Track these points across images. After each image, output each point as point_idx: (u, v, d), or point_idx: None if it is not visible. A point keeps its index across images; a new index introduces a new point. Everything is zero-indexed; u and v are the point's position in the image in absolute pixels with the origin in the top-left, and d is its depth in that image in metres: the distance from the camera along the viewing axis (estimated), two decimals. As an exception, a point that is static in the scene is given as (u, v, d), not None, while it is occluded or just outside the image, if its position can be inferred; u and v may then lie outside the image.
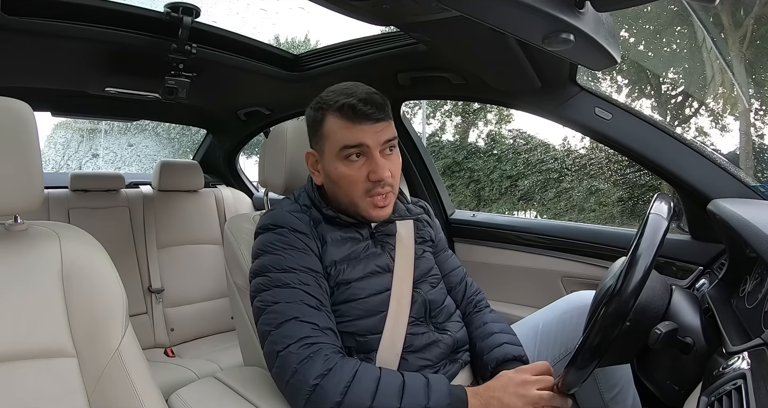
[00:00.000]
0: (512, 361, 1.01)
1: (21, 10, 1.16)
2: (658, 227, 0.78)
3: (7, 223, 0.81)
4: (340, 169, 0.97)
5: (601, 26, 0.81)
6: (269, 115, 2.15)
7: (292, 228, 0.97)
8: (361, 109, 0.94)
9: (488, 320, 1.11)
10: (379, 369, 0.87)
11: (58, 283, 0.79)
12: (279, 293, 0.90)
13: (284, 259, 0.93)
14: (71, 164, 6.67)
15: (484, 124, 8.77)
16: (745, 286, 0.90)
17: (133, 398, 0.78)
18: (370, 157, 0.96)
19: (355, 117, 0.94)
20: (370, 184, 0.96)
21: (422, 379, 0.85)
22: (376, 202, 0.98)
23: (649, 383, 0.89)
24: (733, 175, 1.16)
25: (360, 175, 0.96)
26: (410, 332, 0.98)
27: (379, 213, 0.99)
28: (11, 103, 0.76)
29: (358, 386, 0.81)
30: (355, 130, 0.95)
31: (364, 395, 0.80)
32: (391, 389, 0.82)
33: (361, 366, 0.85)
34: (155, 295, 2.01)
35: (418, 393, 0.82)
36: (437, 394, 0.83)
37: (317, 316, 0.88)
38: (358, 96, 0.95)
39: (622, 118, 1.26)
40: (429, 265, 1.11)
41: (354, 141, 0.95)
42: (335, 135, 0.96)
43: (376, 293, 0.99)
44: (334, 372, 0.81)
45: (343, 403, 0.80)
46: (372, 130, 0.95)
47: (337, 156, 0.97)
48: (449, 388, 0.85)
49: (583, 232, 1.55)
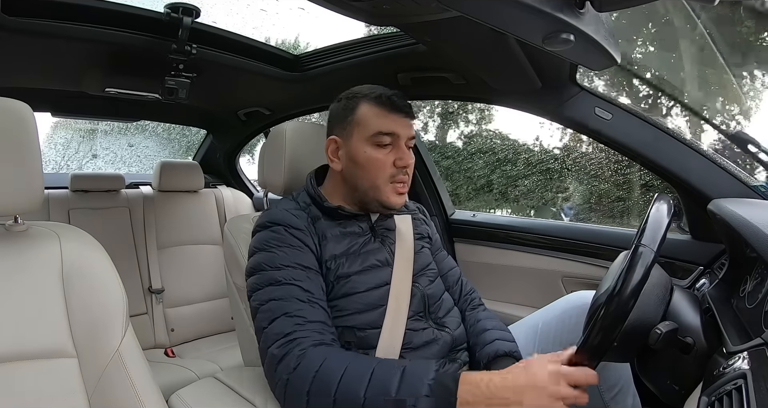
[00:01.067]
0: (504, 357, 1.02)
1: (21, 10, 1.16)
2: (658, 227, 0.78)
3: (8, 223, 0.81)
4: (369, 152, 1.02)
5: (601, 26, 0.81)
6: (269, 115, 2.14)
7: (289, 225, 0.99)
8: (397, 102, 1.03)
9: (481, 317, 1.14)
10: (353, 356, 0.85)
11: (58, 284, 0.79)
12: (272, 291, 0.91)
13: (278, 256, 0.95)
14: (71, 165, 6.67)
15: (465, 125, 8.81)
16: (745, 286, 0.90)
17: (134, 399, 0.78)
18: (397, 146, 1.03)
19: (392, 107, 1.02)
20: (395, 170, 1.03)
21: (397, 368, 0.80)
22: (397, 189, 1.04)
23: (650, 383, 0.89)
24: (734, 174, 1.16)
25: (388, 160, 1.02)
26: (409, 328, 1.00)
27: (398, 200, 1.04)
28: (11, 104, 0.76)
29: (325, 374, 0.79)
30: (390, 119, 1.02)
31: (331, 383, 0.79)
32: (357, 377, 0.79)
33: (333, 355, 0.83)
34: (155, 296, 2.01)
35: (386, 383, 0.77)
36: (409, 384, 0.77)
37: (306, 310, 0.89)
38: (389, 92, 1.04)
39: (622, 118, 1.26)
40: (427, 260, 1.13)
41: (389, 129, 1.02)
42: (369, 121, 1.03)
43: (375, 287, 1.00)
44: (303, 364, 0.81)
45: (310, 392, 0.79)
46: (403, 122, 1.04)
47: (368, 140, 1.02)
48: (433, 378, 0.77)
49: (584, 232, 1.55)
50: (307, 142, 1.20)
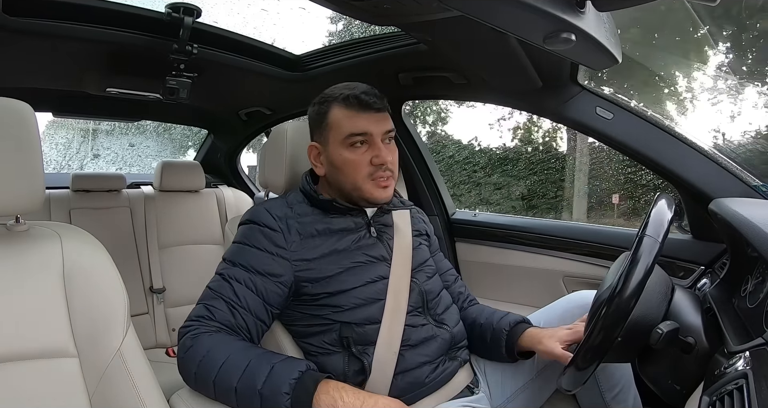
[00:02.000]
0: (522, 323, 1.10)
1: (22, 10, 1.16)
2: (659, 226, 0.78)
3: (9, 223, 0.81)
4: (345, 154, 1.03)
5: (602, 26, 0.81)
6: (270, 115, 2.15)
7: (264, 224, 1.02)
8: (364, 99, 1.02)
9: (482, 308, 1.20)
10: (241, 348, 0.89)
11: (59, 284, 0.79)
12: (214, 281, 0.98)
13: (238, 254, 1.00)
14: (72, 165, 6.68)
15: (422, 126, 8.89)
16: (746, 285, 0.89)
17: (135, 398, 0.78)
18: (372, 144, 1.03)
19: (360, 106, 1.02)
20: (373, 168, 1.02)
21: (269, 364, 0.84)
22: (379, 183, 1.03)
23: (651, 383, 0.89)
24: (735, 174, 1.16)
25: (364, 160, 1.02)
26: (408, 324, 1.00)
27: (382, 193, 1.04)
28: (12, 104, 0.76)
29: (209, 361, 0.86)
30: (359, 119, 1.02)
31: (212, 370, 0.85)
32: (234, 368, 0.84)
33: (221, 345, 0.88)
34: (157, 295, 2.02)
35: (255, 376, 0.83)
36: (274, 381, 0.82)
37: (222, 311, 0.93)
38: (360, 89, 1.03)
39: (623, 117, 1.26)
40: (425, 256, 1.14)
41: (359, 129, 1.02)
42: (340, 123, 1.03)
43: (372, 282, 1.01)
44: (193, 348, 0.88)
45: (197, 374, 0.87)
46: (374, 119, 1.03)
47: (342, 143, 1.03)
48: (296, 378, 0.82)
49: (585, 231, 1.54)
50: (308, 141, 1.20)
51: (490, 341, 1.10)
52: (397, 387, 0.98)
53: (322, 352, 1.00)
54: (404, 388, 0.98)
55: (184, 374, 0.89)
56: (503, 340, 1.07)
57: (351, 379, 0.97)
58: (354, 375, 0.97)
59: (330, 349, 1.00)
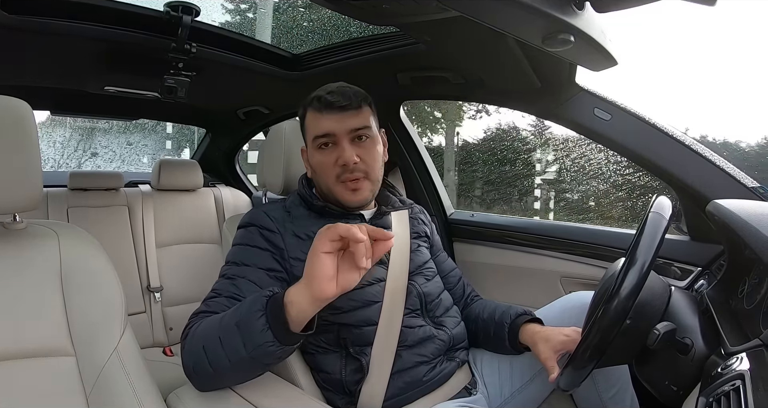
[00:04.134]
0: (524, 314, 1.10)
1: (21, 8, 1.16)
2: (657, 227, 0.78)
3: (6, 221, 0.81)
4: (316, 157, 1.04)
5: (601, 27, 0.81)
6: (268, 114, 2.14)
7: (262, 226, 1.02)
8: (326, 98, 1.00)
9: (485, 302, 1.21)
10: (215, 318, 0.84)
11: (56, 282, 0.79)
12: (219, 283, 0.97)
13: (239, 254, 1.00)
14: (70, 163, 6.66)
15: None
16: (743, 287, 0.90)
17: (132, 397, 0.78)
18: (337, 145, 1.01)
19: (322, 107, 1.01)
20: (339, 169, 1.01)
21: (236, 316, 0.79)
22: (348, 186, 1.02)
23: (648, 384, 0.89)
24: (733, 176, 1.16)
25: (329, 161, 1.02)
26: (406, 325, 1.01)
27: (352, 197, 1.03)
28: (10, 102, 0.76)
29: (201, 345, 0.81)
30: (322, 120, 1.01)
31: (203, 353, 0.80)
32: (213, 338, 0.79)
33: (204, 326, 0.84)
34: (154, 294, 2.01)
35: (233, 314, 0.79)
36: (248, 305, 0.77)
37: (223, 304, 0.91)
38: (328, 89, 1.02)
39: (621, 118, 1.26)
40: (424, 258, 1.14)
41: (321, 130, 1.01)
42: (309, 126, 1.04)
43: (369, 284, 1.01)
44: (187, 345, 0.85)
45: (194, 367, 0.82)
46: (337, 118, 1.00)
47: (313, 146, 1.04)
48: (266, 298, 0.76)
49: (583, 232, 1.55)
50: (306, 141, 1.20)
51: (494, 335, 1.11)
52: (395, 386, 0.98)
53: (320, 351, 1.01)
54: (401, 388, 0.99)
55: (187, 374, 0.84)
56: (506, 334, 1.08)
57: (348, 377, 0.98)
58: (351, 373, 0.98)
59: (327, 348, 1.00)
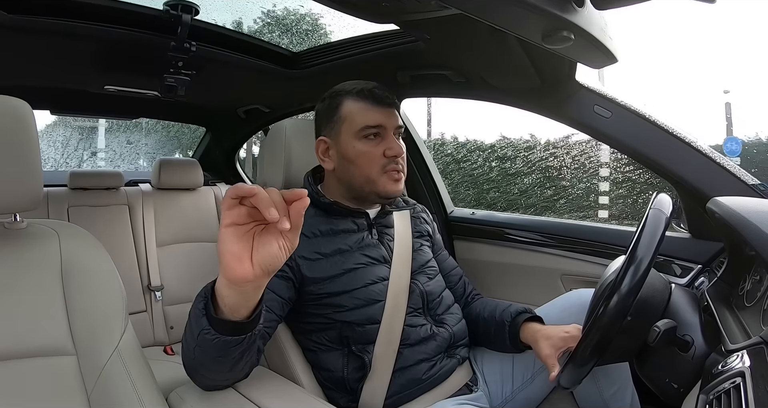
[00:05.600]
0: (524, 312, 1.10)
1: (20, 8, 1.15)
2: (658, 225, 0.78)
3: (7, 221, 0.81)
4: (359, 147, 1.03)
5: (601, 24, 0.81)
6: (268, 113, 2.14)
7: None
8: (378, 93, 1.04)
9: (486, 301, 1.21)
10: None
11: (57, 282, 0.79)
12: None
13: None
14: (70, 162, 6.67)
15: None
16: (744, 284, 0.90)
17: (133, 396, 0.78)
18: (385, 137, 1.04)
19: (374, 100, 1.04)
20: (386, 160, 1.04)
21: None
22: (392, 176, 1.04)
23: (648, 381, 0.89)
24: (733, 173, 1.16)
25: (377, 152, 1.03)
26: (408, 324, 1.02)
27: (394, 187, 1.05)
28: (10, 102, 0.76)
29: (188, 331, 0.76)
30: (374, 112, 1.04)
31: (193, 354, 0.76)
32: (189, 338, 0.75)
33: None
34: (155, 293, 2.01)
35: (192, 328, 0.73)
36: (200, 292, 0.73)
37: None
38: (372, 84, 1.06)
39: (621, 116, 1.26)
40: (426, 257, 1.15)
41: (374, 121, 1.03)
42: (355, 116, 1.04)
43: (372, 283, 1.02)
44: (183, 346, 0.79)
45: (189, 367, 0.79)
46: (387, 113, 1.05)
47: (356, 135, 1.04)
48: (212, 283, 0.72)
49: (583, 230, 1.54)
50: (307, 139, 1.19)
51: (494, 334, 1.11)
52: (396, 384, 0.99)
53: (322, 348, 1.02)
54: (403, 385, 0.99)
55: (187, 372, 0.82)
56: (506, 332, 1.08)
57: (351, 375, 0.99)
58: (353, 371, 0.99)
59: (330, 345, 1.01)
